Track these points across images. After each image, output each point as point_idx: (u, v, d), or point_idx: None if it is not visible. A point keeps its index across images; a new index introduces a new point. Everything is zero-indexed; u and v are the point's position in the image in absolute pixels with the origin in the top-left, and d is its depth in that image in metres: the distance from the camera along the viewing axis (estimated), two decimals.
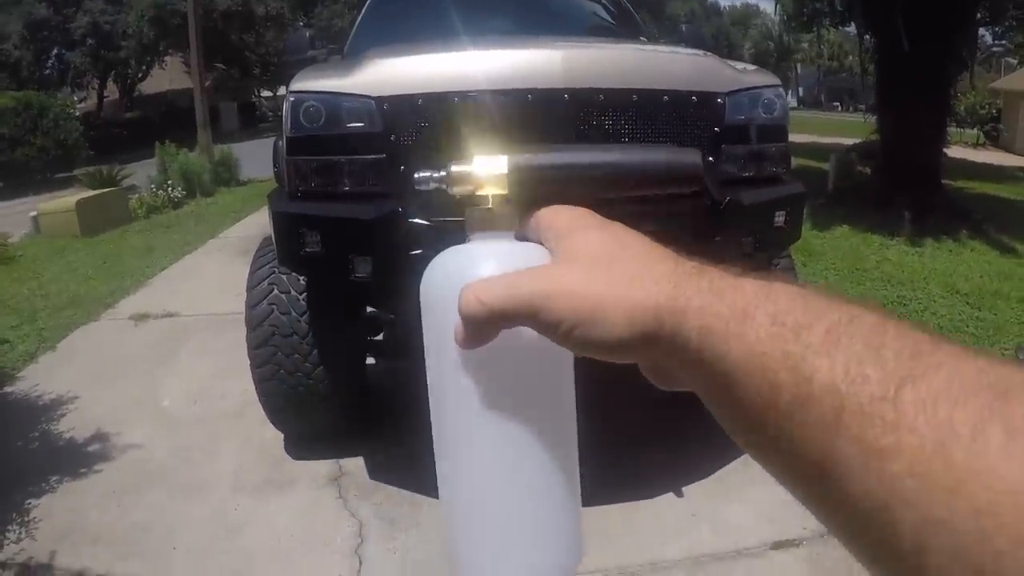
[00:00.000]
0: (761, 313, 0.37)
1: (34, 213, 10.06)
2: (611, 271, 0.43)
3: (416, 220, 2.58)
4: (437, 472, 0.52)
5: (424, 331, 0.50)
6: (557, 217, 0.49)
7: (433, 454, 0.52)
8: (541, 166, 0.52)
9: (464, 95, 2.54)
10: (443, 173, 0.53)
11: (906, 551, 0.30)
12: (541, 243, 0.49)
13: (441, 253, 0.50)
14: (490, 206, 0.51)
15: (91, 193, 10.76)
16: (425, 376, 0.52)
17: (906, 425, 0.30)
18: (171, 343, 5.34)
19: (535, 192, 0.51)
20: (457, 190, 0.52)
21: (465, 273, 0.46)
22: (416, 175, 0.54)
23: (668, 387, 0.46)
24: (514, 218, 0.51)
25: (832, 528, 0.35)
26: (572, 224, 0.48)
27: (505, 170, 0.51)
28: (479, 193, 0.51)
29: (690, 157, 0.53)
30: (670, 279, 0.41)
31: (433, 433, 0.52)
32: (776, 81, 3.05)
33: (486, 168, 0.51)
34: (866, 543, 0.33)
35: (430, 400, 0.52)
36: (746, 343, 0.36)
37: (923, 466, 0.29)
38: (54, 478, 3.54)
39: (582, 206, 0.50)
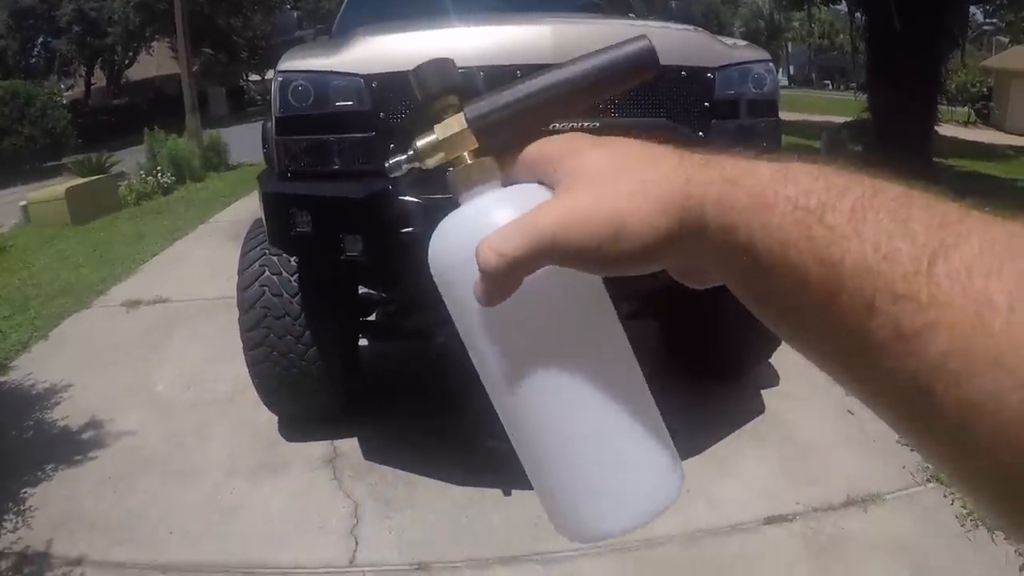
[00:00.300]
0: (781, 198, 0.35)
1: (24, 202, 10.02)
2: (618, 183, 0.41)
3: (407, 198, 2.57)
4: (509, 435, 0.50)
5: (447, 303, 0.49)
6: (545, 148, 0.47)
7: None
8: (499, 107, 0.50)
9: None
10: (410, 152, 0.51)
11: (951, 429, 0.29)
12: (536, 182, 0.47)
13: (441, 222, 0.48)
14: (467, 163, 0.50)
15: (80, 181, 10.70)
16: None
17: (942, 301, 0.29)
18: (163, 329, 5.33)
19: (505, 134, 0.50)
20: (431, 163, 0.51)
21: (473, 232, 0.44)
22: (386, 163, 0.53)
23: (701, 285, 0.45)
24: (494, 167, 0.50)
25: (872, 406, 0.34)
26: (563, 150, 0.45)
27: (465, 125, 0.49)
28: (454, 157, 0.50)
29: (639, 42, 0.50)
30: (680, 173, 0.40)
31: (491, 398, 0.49)
32: (766, 56, 3.04)
33: (448, 130, 0.50)
34: (910, 422, 0.32)
35: (477, 368, 0.49)
36: (769, 232, 0.35)
37: (962, 342, 0.28)
38: (49, 466, 3.53)
39: (554, 132, 0.49)
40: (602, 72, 0.50)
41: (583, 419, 0.46)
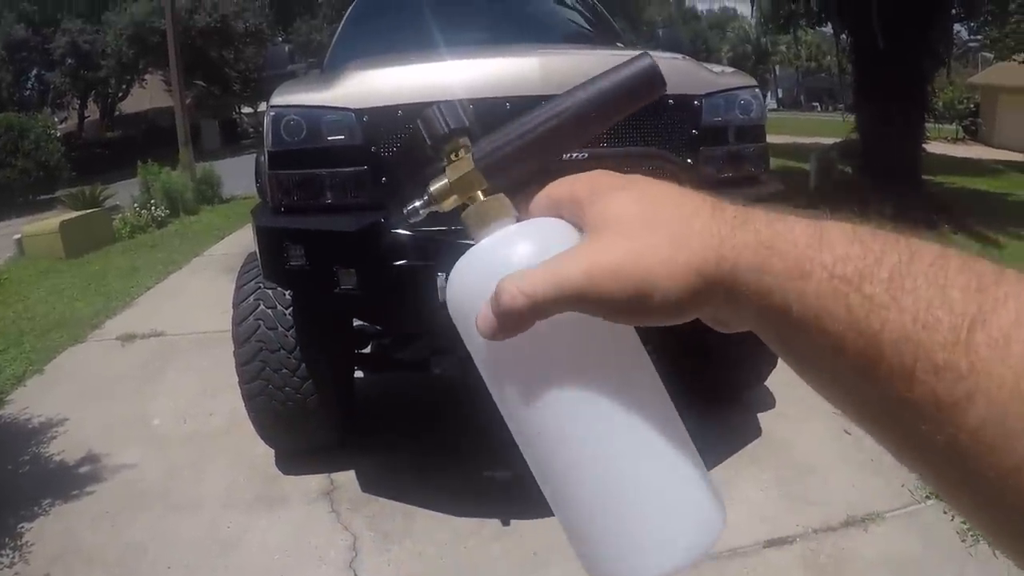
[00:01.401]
0: (818, 266, 0.35)
1: (18, 236, 10.01)
2: (651, 234, 0.40)
3: (399, 231, 2.59)
4: (535, 474, 0.48)
5: (466, 342, 0.48)
6: (574, 187, 0.45)
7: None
8: (504, 143, 0.51)
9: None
10: (426, 198, 0.52)
11: (988, 492, 0.29)
12: (557, 217, 0.47)
13: (459, 261, 0.48)
14: (480, 202, 0.50)
15: (74, 214, 10.70)
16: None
17: (980, 370, 0.29)
18: (159, 362, 5.32)
19: (514, 169, 0.50)
20: (446, 205, 0.52)
21: (491, 269, 0.44)
22: (405, 210, 0.54)
23: (728, 331, 0.43)
24: (507, 204, 0.50)
25: (906, 464, 0.34)
26: (592, 190, 0.44)
27: (473, 165, 0.50)
28: (466, 197, 0.51)
29: (642, 61, 0.50)
30: (714, 232, 0.39)
31: (516, 437, 0.48)
32: (752, 82, 3.08)
33: (458, 171, 0.51)
34: (946, 483, 0.32)
35: (499, 407, 0.48)
36: (806, 301, 0.35)
37: (1000, 409, 0.29)
38: (46, 501, 3.51)
39: (563, 161, 0.48)
40: (607, 96, 0.50)
41: (618, 459, 0.44)
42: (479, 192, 0.50)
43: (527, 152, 0.50)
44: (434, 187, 0.52)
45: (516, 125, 0.51)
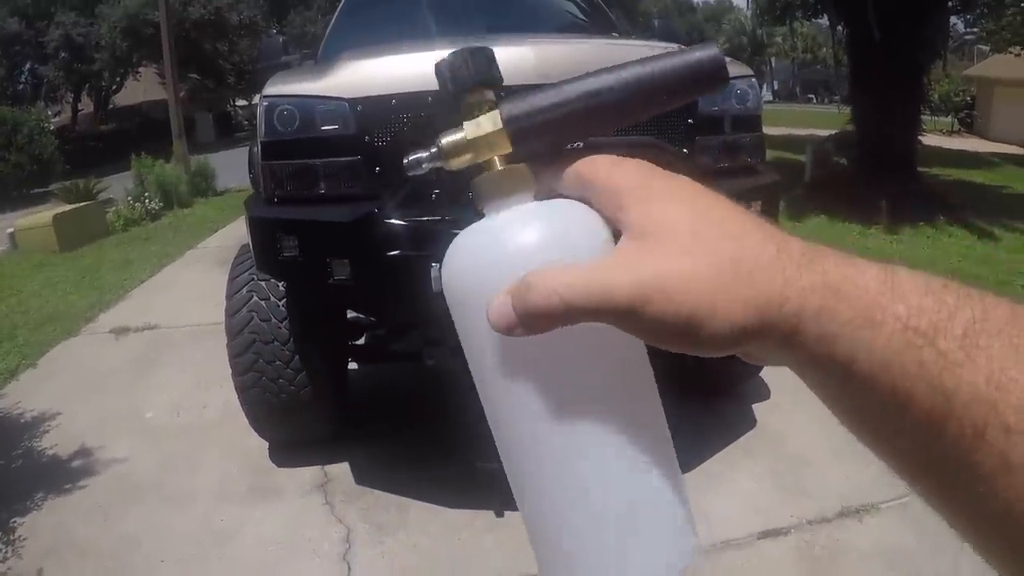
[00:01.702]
0: (890, 316, 0.33)
1: (11, 229, 9.96)
2: (708, 255, 0.36)
3: (393, 221, 2.57)
4: (510, 482, 0.45)
5: (457, 325, 0.44)
6: (613, 174, 0.41)
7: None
8: (542, 108, 0.44)
9: (436, 93, 2.53)
10: (434, 150, 0.46)
11: None
12: (584, 200, 0.42)
13: (464, 234, 0.43)
14: (498, 169, 0.44)
15: (68, 207, 10.65)
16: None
17: None
18: (152, 355, 5.31)
19: (544, 140, 0.45)
20: (455, 164, 0.45)
21: (501, 250, 0.40)
22: (406, 160, 0.47)
23: (760, 364, 0.40)
24: (528, 178, 0.44)
25: (952, 521, 0.33)
26: (639, 183, 0.40)
27: (500, 124, 0.44)
28: (482, 159, 0.44)
29: (708, 49, 0.44)
30: (779, 269, 0.35)
31: (495, 436, 0.45)
32: (749, 72, 3.06)
33: (480, 129, 0.44)
34: (1003, 547, 0.31)
35: (482, 401, 0.45)
36: (874, 352, 0.32)
37: None
38: (39, 495, 3.50)
39: (599, 140, 0.44)
40: (664, 79, 0.44)
41: (606, 479, 0.41)
42: (497, 158, 0.44)
43: (562, 125, 0.45)
44: (447, 139, 0.45)
45: (554, 92, 0.45)
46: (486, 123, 0.44)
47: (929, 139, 14.58)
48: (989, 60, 28.77)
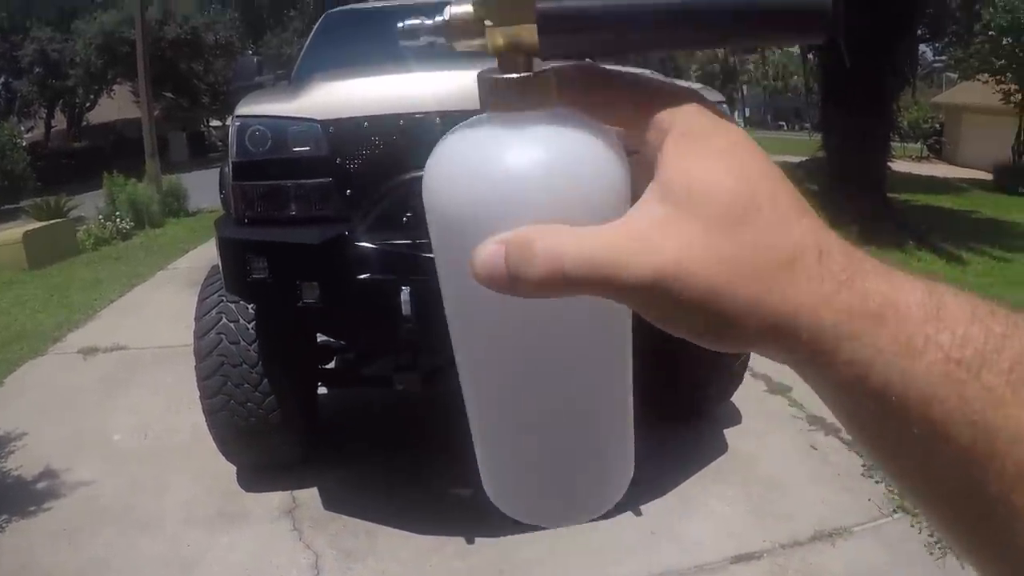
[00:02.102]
0: (933, 345, 0.30)
1: None
2: (745, 248, 0.32)
3: (364, 244, 2.56)
4: (465, 393, 0.42)
5: (435, 245, 0.38)
6: (664, 107, 0.35)
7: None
8: (601, 8, 0.35)
9: (409, 117, 2.53)
10: (439, 19, 0.37)
11: None
12: (616, 124, 0.37)
13: (460, 134, 0.37)
14: (517, 70, 0.36)
15: (38, 225, 10.55)
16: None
17: None
18: (120, 376, 5.23)
19: (587, 36, 0.36)
20: (460, 44, 0.37)
21: (526, 188, 0.33)
22: (402, 24, 0.38)
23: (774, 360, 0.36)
24: (551, 85, 0.36)
25: (981, 563, 0.31)
26: (689, 132, 0.34)
27: (532, 16, 0.34)
28: (497, 48, 0.36)
29: None
30: (816, 281, 0.32)
31: (458, 362, 0.41)
32: (720, 97, 3.11)
33: (500, 4, 0.35)
34: None
35: (451, 331, 0.40)
36: (912, 383, 0.30)
37: None
38: (3, 517, 3.44)
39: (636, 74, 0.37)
40: (768, 5, 0.36)
41: (563, 419, 0.40)
42: (516, 52, 0.35)
43: (615, 23, 0.36)
44: (458, 9, 0.36)
45: None
46: (515, 3, 0.35)
47: (898, 165, 14.84)
48: (957, 87, 29.37)
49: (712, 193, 0.32)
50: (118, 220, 11.60)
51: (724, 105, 3.10)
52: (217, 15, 35.25)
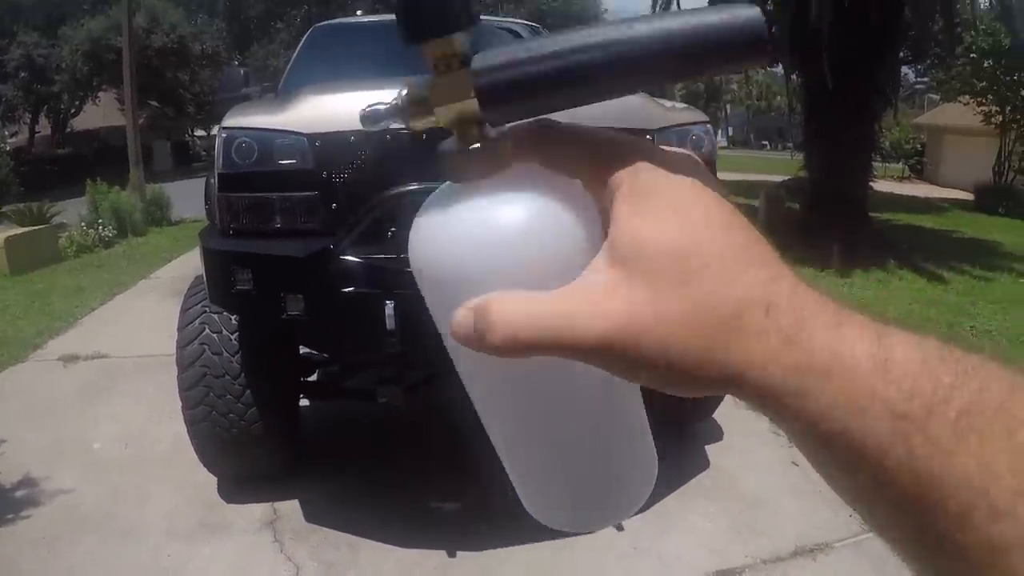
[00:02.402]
0: (879, 401, 0.30)
1: None
2: (692, 305, 0.33)
3: (349, 257, 2.57)
4: (484, 420, 0.44)
5: (429, 305, 0.40)
6: (612, 166, 0.36)
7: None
8: (529, 59, 0.36)
9: (396, 132, 2.55)
10: (395, 102, 0.38)
11: None
12: (573, 175, 0.38)
13: (433, 205, 0.38)
14: (470, 141, 0.37)
15: (20, 230, 10.45)
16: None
17: None
18: (101, 385, 5.19)
19: (526, 103, 0.37)
20: (417, 124, 0.38)
21: (491, 258, 0.35)
22: (362, 110, 0.40)
23: None
24: (506, 151, 0.37)
25: None
26: (634, 189, 0.35)
27: (468, 79, 0.36)
28: (447, 124, 0.38)
29: (747, 10, 0.35)
30: (763, 337, 0.32)
31: (467, 384, 0.43)
32: (704, 118, 3.13)
33: (443, 84, 0.37)
34: None
35: (463, 381, 0.43)
36: (860, 438, 0.31)
37: None
38: None
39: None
40: (693, 39, 0.35)
41: (581, 441, 0.42)
42: (469, 123, 0.37)
43: (551, 84, 0.37)
44: (411, 91, 0.38)
45: (548, 41, 0.37)
46: (452, 77, 0.37)
47: (880, 185, 14.97)
48: (939, 108, 29.73)
49: (658, 252, 0.34)
50: (101, 228, 11.53)
51: (708, 126, 3.13)
52: (204, 25, 35.20)
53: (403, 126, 0.39)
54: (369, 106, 0.40)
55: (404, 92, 0.38)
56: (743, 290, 0.33)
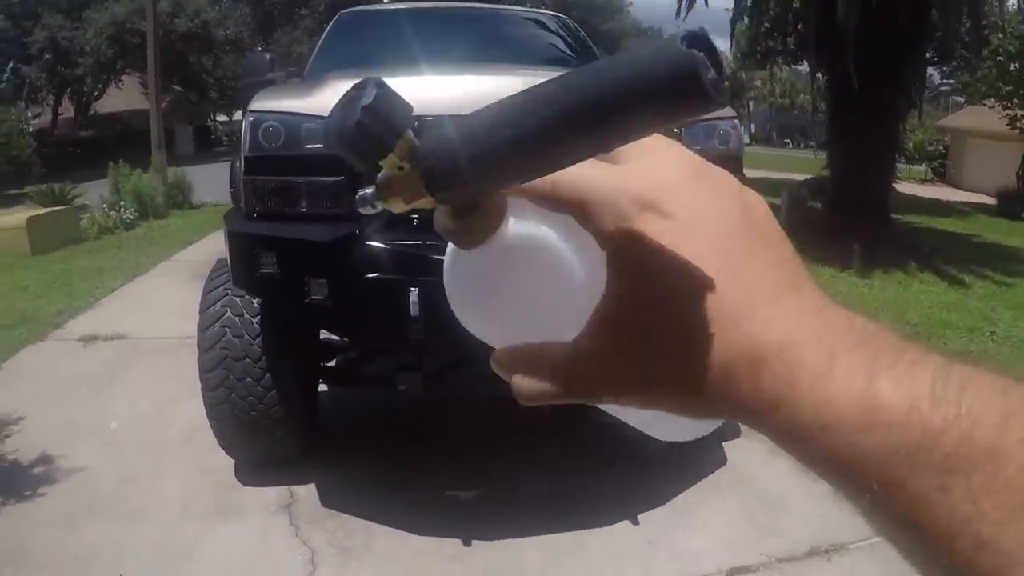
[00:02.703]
0: (860, 454, 0.31)
1: None
2: (686, 365, 0.34)
3: (374, 243, 2.57)
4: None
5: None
6: (603, 222, 0.36)
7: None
8: (468, 140, 0.33)
9: (423, 120, 2.54)
10: (373, 189, 0.37)
11: None
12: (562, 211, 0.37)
13: (452, 264, 0.42)
14: (445, 218, 0.37)
15: (42, 211, 10.54)
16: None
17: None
18: (120, 365, 5.23)
19: (476, 184, 0.34)
20: (394, 207, 0.37)
21: (492, 308, 0.41)
22: (357, 196, 0.39)
23: None
24: (491, 212, 0.36)
25: None
26: (619, 249, 0.35)
27: (421, 185, 0.35)
28: (418, 204, 0.36)
29: (670, 49, 0.30)
30: (752, 395, 0.33)
31: None
32: (732, 113, 3.11)
33: (396, 173, 0.35)
34: None
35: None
36: (851, 482, 0.32)
37: None
38: None
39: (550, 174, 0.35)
40: (617, 98, 0.31)
41: None
42: (436, 204, 0.37)
43: (509, 162, 0.33)
44: (380, 175, 0.36)
45: (485, 117, 0.34)
46: (401, 166, 0.35)
47: (903, 187, 14.88)
48: (963, 111, 29.44)
49: (650, 312, 0.35)
50: (122, 210, 11.60)
51: (735, 121, 3.10)
52: (228, 11, 35.32)
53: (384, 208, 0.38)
54: (360, 191, 0.38)
55: (377, 180, 0.37)
56: (731, 348, 0.34)
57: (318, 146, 2.63)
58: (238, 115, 2.81)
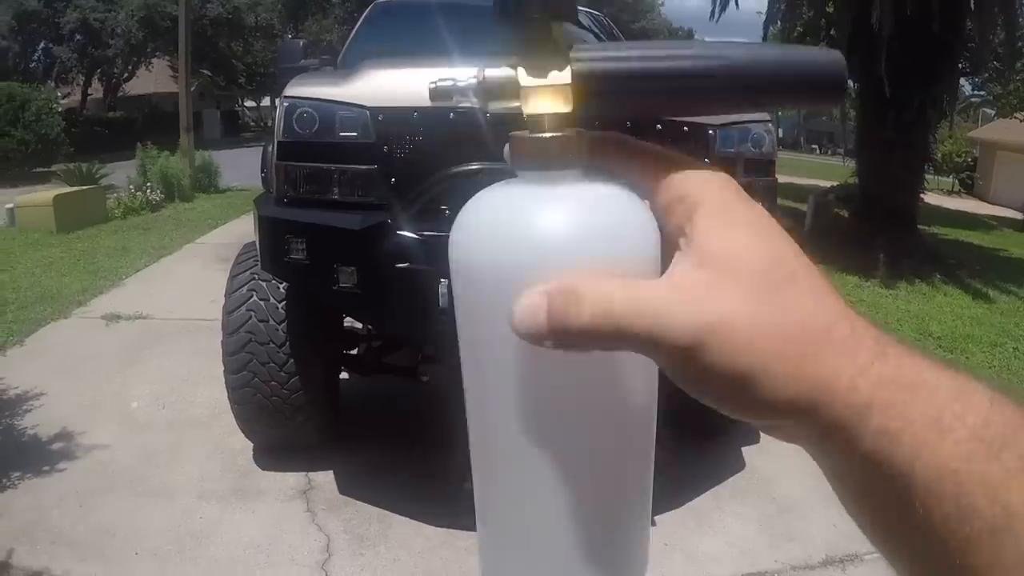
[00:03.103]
0: (959, 423, 0.30)
1: (11, 205, 9.91)
2: (783, 315, 0.32)
3: (405, 233, 2.57)
4: (476, 492, 0.42)
5: (460, 310, 0.38)
6: (691, 179, 0.36)
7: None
8: (629, 66, 0.36)
9: (460, 111, 2.54)
10: (473, 81, 0.37)
11: None
12: (640, 188, 0.37)
13: (491, 194, 0.37)
14: (546, 131, 0.36)
15: (69, 189, 10.65)
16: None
17: None
18: (142, 345, 5.27)
19: (619, 105, 0.38)
20: (493, 105, 0.37)
21: (550, 240, 0.33)
22: (433, 83, 0.39)
23: (784, 440, 0.36)
24: (582, 146, 0.36)
25: None
26: (720, 203, 0.35)
27: (569, 73, 0.35)
28: (531, 111, 0.36)
29: (832, 55, 0.37)
30: (851, 351, 0.31)
31: (471, 441, 0.41)
32: (766, 116, 3.08)
33: (541, 73, 0.36)
34: None
35: (467, 403, 0.40)
36: (939, 458, 0.30)
37: None
38: (15, 474, 3.47)
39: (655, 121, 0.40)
40: (779, 72, 0.37)
41: (576, 501, 0.38)
42: (548, 114, 0.36)
43: (645, 92, 0.37)
44: (494, 73, 0.37)
45: (643, 50, 0.37)
46: (550, 68, 0.36)
47: (929, 198, 14.71)
48: (993, 124, 29.13)
49: (750, 261, 0.33)
50: (148, 191, 11.69)
51: (768, 124, 3.08)
52: None
53: (475, 105, 0.38)
54: (441, 80, 0.38)
55: (485, 72, 0.37)
56: (832, 306, 0.33)
57: (352, 134, 2.63)
58: (266, 101, 2.81)
